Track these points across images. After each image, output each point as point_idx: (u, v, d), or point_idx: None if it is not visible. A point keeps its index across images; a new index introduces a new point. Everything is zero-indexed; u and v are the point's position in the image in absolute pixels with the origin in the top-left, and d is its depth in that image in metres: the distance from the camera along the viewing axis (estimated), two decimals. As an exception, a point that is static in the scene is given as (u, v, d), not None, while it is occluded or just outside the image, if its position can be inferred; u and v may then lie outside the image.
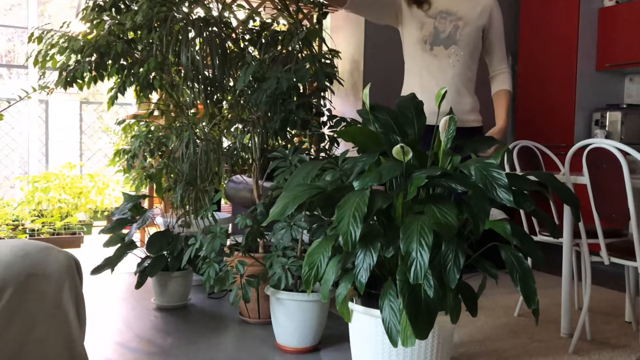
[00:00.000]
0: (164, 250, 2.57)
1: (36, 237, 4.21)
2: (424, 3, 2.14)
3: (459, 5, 2.15)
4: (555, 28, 4.21)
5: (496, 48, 2.20)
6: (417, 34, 2.13)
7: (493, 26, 2.18)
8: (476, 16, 2.15)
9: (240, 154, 2.63)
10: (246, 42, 2.95)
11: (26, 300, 1.74)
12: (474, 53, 2.16)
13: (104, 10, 2.95)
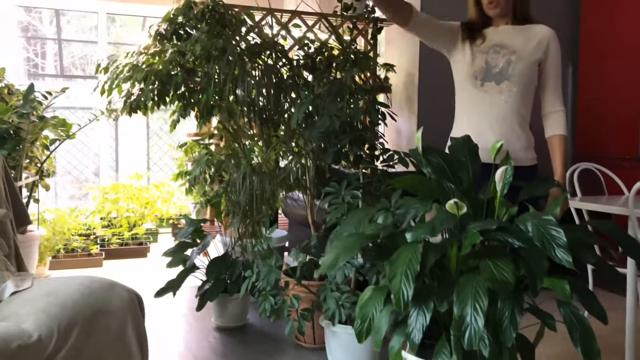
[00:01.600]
0: (223, 275, 2.60)
1: (106, 247, 4.35)
2: (478, 38, 2.02)
3: (513, 38, 2.01)
4: (619, 38, 3.98)
5: (551, 84, 2.02)
6: (467, 69, 2.01)
7: (549, 60, 2.01)
8: (531, 50, 1.99)
9: (295, 178, 2.62)
10: (301, 66, 2.94)
11: (92, 336, 1.80)
12: (528, 88, 2.00)
13: (165, 38, 3.01)
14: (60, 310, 1.70)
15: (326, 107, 2.09)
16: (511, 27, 2.03)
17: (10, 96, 3.82)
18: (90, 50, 6.06)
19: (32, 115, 3.20)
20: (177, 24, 3.04)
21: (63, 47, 6.58)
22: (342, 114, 2.02)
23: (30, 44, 5.72)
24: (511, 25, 2.04)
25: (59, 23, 6.88)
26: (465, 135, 1.75)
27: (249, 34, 3.02)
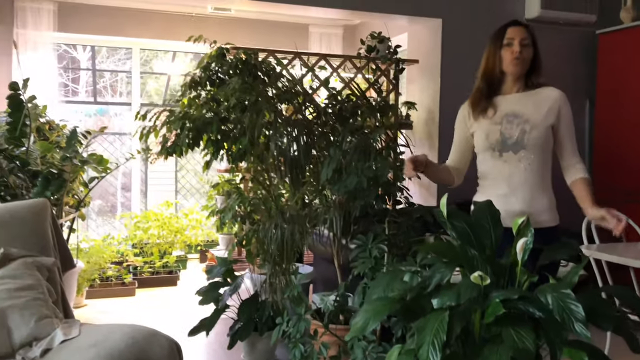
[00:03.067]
0: (253, 316, 2.68)
1: (139, 275, 4.46)
2: (489, 108, 2.08)
3: (524, 107, 2.05)
4: (636, 73, 4.01)
5: (567, 143, 2.06)
6: (484, 142, 2.07)
7: (562, 122, 2.04)
8: (543, 116, 2.03)
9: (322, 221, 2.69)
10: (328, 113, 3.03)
11: (135, 385, 1.89)
12: (545, 152, 2.05)
13: (199, 85, 3.11)
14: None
15: (353, 164, 2.16)
16: (521, 94, 2.08)
17: (52, 132, 3.98)
18: (123, 74, 6.25)
19: (74, 159, 3.33)
20: (211, 71, 3.15)
21: (96, 70, 6.77)
22: (369, 172, 2.10)
23: (66, 71, 5.91)
24: (521, 93, 2.09)
25: (94, 55, 7.09)
26: (487, 200, 1.81)
27: (279, 79, 3.11)
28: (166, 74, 7.31)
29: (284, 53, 3.83)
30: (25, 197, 3.16)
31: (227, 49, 3.09)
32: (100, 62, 7.39)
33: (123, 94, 7.00)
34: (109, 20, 5.00)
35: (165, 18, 5.07)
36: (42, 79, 4.73)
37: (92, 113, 7.56)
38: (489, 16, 4.08)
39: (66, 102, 5.54)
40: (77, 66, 7.17)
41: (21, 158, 3.21)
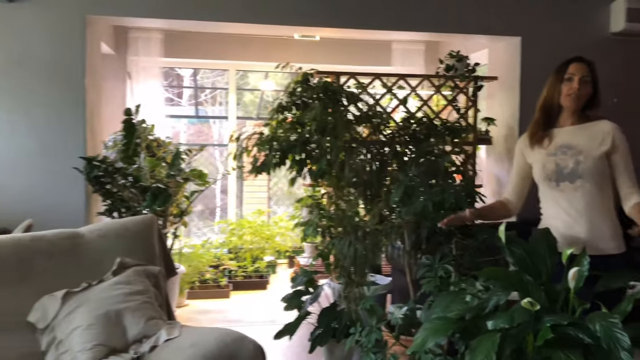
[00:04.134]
0: (331, 323, 2.88)
1: (233, 279, 4.80)
2: (545, 139, 2.15)
3: (578, 138, 2.10)
4: None
5: (623, 171, 2.06)
6: (541, 172, 2.14)
7: (617, 151, 2.06)
8: (596, 147, 2.07)
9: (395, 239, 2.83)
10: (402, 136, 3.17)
11: (224, 384, 2.14)
12: (602, 180, 2.07)
13: (286, 109, 3.35)
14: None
15: (421, 188, 2.30)
16: (576, 127, 2.13)
17: (159, 148, 4.41)
18: (221, 88, 6.70)
19: (178, 176, 3.71)
20: (296, 95, 3.37)
21: (197, 81, 7.27)
22: (435, 196, 2.22)
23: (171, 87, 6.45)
24: (576, 125, 2.13)
25: (195, 72, 7.62)
26: (545, 228, 1.89)
27: (358, 102, 3.27)
28: (259, 90, 7.73)
29: (364, 75, 4.00)
30: (137, 209, 3.56)
31: (311, 74, 3.30)
32: (201, 79, 7.95)
33: (222, 104, 7.51)
34: (209, 46, 5.42)
35: (258, 42, 5.41)
36: (150, 98, 5.22)
37: (194, 121, 8.15)
38: (572, 33, 4.03)
39: (171, 117, 6.03)
40: (180, 82, 7.76)
41: (134, 175, 3.62)
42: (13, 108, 3.48)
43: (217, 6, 3.70)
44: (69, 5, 3.50)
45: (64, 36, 3.52)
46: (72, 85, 3.56)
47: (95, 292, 2.29)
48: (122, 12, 3.65)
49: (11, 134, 3.48)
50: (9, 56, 3.46)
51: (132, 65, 5.19)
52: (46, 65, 3.51)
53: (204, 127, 8.35)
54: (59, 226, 3.27)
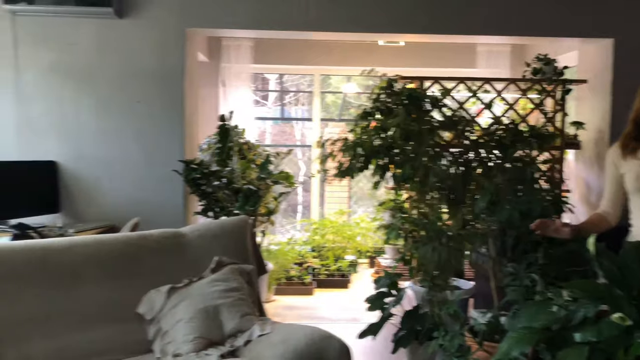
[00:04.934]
0: (414, 326, 2.91)
1: (316, 276, 4.93)
2: (638, 150, 2.07)
3: None
4: None
5: None
6: (634, 183, 2.07)
7: None
8: None
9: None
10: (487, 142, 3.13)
11: (312, 380, 2.23)
12: None
13: (370, 115, 3.41)
14: (292, 356, 2.16)
15: (507, 196, 2.28)
16: None
17: (249, 151, 4.60)
18: (304, 91, 6.87)
19: (267, 179, 3.87)
20: (380, 102, 3.42)
21: (282, 83, 7.48)
22: (522, 205, 2.20)
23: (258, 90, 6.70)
24: None
25: (281, 78, 7.83)
26: (637, 241, 1.82)
27: (442, 107, 3.27)
28: (342, 92, 7.83)
29: (449, 80, 3.97)
30: (230, 209, 3.75)
31: (395, 79, 3.34)
32: (285, 81, 8.16)
33: (304, 104, 7.70)
34: (294, 52, 5.58)
35: (342, 47, 5.50)
36: (241, 102, 5.45)
37: (278, 121, 8.39)
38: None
39: (258, 119, 6.25)
40: (266, 85, 8.00)
41: (227, 177, 3.82)
42: (121, 116, 3.78)
43: (303, 17, 3.81)
44: (171, 21, 3.75)
45: (167, 48, 3.77)
46: (172, 94, 3.81)
47: (196, 288, 2.46)
48: (217, 24, 3.85)
49: (119, 140, 3.78)
50: (119, 68, 3.76)
51: (224, 72, 5.44)
52: (150, 75, 3.78)
53: (287, 127, 8.58)
54: (161, 224, 3.53)
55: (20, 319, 2.16)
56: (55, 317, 2.23)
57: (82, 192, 3.75)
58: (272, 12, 3.80)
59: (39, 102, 3.72)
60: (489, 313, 2.68)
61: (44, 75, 3.72)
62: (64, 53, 3.72)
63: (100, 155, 3.76)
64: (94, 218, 3.72)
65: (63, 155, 3.74)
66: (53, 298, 2.25)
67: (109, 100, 3.76)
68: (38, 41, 3.70)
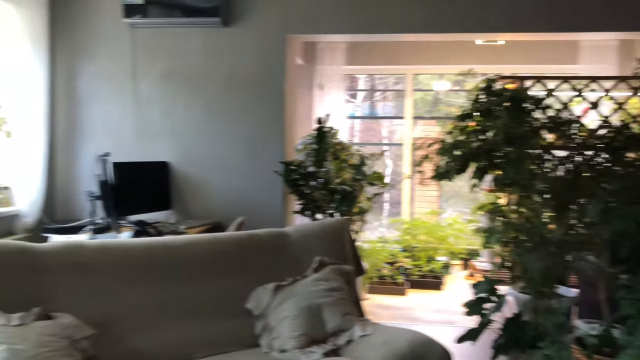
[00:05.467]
0: (515, 333, 2.81)
1: (408, 276, 4.90)
2: None
3: None
4: None
5: None
6: None
7: None
8: None
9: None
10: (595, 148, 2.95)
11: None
12: None
13: (468, 117, 3.33)
14: (394, 359, 2.17)
15: (621, 206, 2.14)
16: None
17: (342, 151, 4.65)
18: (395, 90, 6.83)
19: (362, 180, 3.90)
20: (479, 103, 3.32)
21: (371, 80, 7.49)
22: (638, 216, 2.06)
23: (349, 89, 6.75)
24: None
25: (373, 76, 7.83)
26: None
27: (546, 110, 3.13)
28: (433, 90, 7.70)
29: (552, 79, 3.79)
30: (326, 210, 3.82)
31: (495, 79, 3.23)
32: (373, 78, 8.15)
33: (391, 100, 7.66)
34: (387, 52, 5.56)
35: (436, 47, 5.41)
36: (334, 103, 5.52)
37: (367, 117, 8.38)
38: None
39: (349, 118, 6.30)
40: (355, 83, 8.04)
41: (324, 178, 3.88)
42: (226, 118, 3.96)
43: (398, 21, 3.79)
44: (272, 27, 3.88)
45: (269, 54, 3.90)
46: (273, 96, 3.93)
47: (300, 287, 2.53)
48: (315, 30, 3.93)
49: (224, 142, 3.96)
50: (226, 75, 3.94)
51: (318, 74, 5.53)
52: (253, 80, 3.93)
53: (374, 124, 8.56)
54: (262, 221, 3.66)
55: (144, 310, 2.33)
56: (172, 309, 2.38)
57: (191, 191, 3.97)
58: (369, 17, 3.82)
59: (153, 107, 3.98)
60: (597, 324, 2.54)
61: (157, 82, 3.97)
62: (175, 61, 3.95)
63: (207, 156, 3.96)
64: (201, 215, 3.93)
65: (174, 156, 3.97)
66: (170, 292, 2.41)
67: (215, 104, 3.95)
68: (152, 51, 3.96)
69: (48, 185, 3.77)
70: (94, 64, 3.97)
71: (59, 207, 4.00)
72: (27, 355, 1.80)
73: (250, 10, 3.87)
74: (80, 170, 3.99)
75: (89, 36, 3.95)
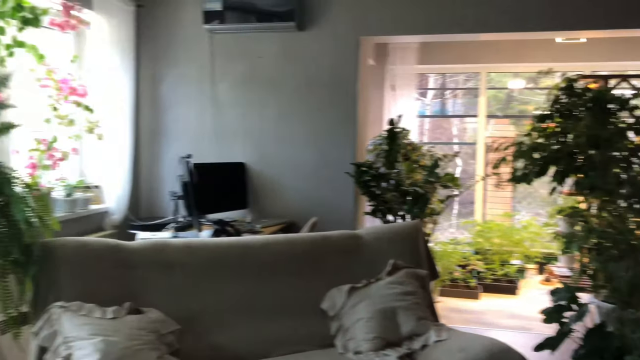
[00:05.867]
0: (598, 345, 2.68)
1: (481, 280, 4.77)
2: None
3: None
4: None
5: None
6: None
7: None
8: None
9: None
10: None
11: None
12: None
13: (548, 118, 3.20)
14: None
15: None
16: None
17: (413, 152, 4.59)
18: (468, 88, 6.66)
19: (435, 182, 3.83)
20: (559, 104, 3.19)
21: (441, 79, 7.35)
22: None
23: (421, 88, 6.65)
24: None
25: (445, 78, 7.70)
26: None
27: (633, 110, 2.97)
28: (507, 88, 7.44)
29: (638, 78, 3.58)
30: (397, 212, 3.79)
31: (575, 79, 3.09)
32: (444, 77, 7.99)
33: (462, 98, 7.47)
34: (460, 51, 5.44)
35: (512, 45, 5.23)
36: (405, 103, 5.46)
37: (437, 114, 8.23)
38: None
39: (419, 117, 6.22)
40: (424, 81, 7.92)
41: (395, 179, 3.85)
42: (299, 120, 4.01)
43: (475, 20, 3.69)
44: (347, 30, 3.89)
45: (342, 56, 3.92)
46: (346, 99, 3.94)
47: (374, 289, 2.53)
48: (388, 32, 3.91)
49: (297, 143, 4.02)
50: (300, 77, 3.99)
51: (389, 73, 5.50)
52: (326, 82, 3.96)
53: (444, 122, 8.38)
54: (333, 222, 3.69)
55: (224, 307, 2.41)
56: (252, 307, 2.44)
57: (266, 191, 4.06)
58: (442, 17, 3.74)
59: (230, 110, 4.10)
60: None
61: (234, 86, 4.09)
62: (251, 65, 4.05)
63: (281, 157, 4.03)
64: (275, 214, 4.01)
65: (250, 156, 4.08)
66: (249, 290, 2.48)
67: (289, 106, 4.02)
68: (229, 55, 4.08)
69: (133, 185, 3.97)
70: (176, 69, 4.14)
71: (143, 205, 4.20)
72: (120, 347, 1.91)
73: (325, 14, 3.90)
74: (162, 170, 4.17)
75: (171, 43, 4.13)
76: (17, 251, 1.96)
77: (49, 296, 2.09)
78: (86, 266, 2.19)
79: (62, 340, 1.92)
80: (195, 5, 4.01)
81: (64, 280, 2.13)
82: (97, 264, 2.23)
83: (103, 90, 3.66)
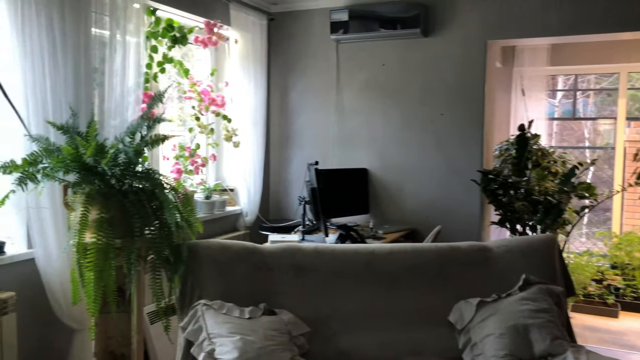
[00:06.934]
0: None
1: (620, 297, 4.34)
2: None
3: None
4: None
5: None
6: None
7: None
8: None
9: None
10: None
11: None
12: None
13: None
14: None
15: None
16: None
17: (543, 158, 4.28)
18: (607, 88, 6.09)
19: (571, 192, 3.54)
20: None
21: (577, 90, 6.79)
22: None
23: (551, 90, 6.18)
24: None
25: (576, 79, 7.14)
26: None
27: None
28: None
29: None
30: (526, 222, 3.56)
31: None
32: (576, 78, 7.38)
33: (592, 98, 6.84)
34: (595, 51, 4.99)
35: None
36: (535, 107, 5.13)
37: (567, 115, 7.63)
38: None
39: (548, 119, 5.80)
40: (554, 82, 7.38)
41: (526, 187, 3.62)
42: (422, 126, 3.93)
43: (608, 19, 3.36)
44: (473, 34, 3.74)
45: (468, 61, 3.77)
46: (472, 103, 3.79)
47: (504, 305, 2.39)
48: (517, 34, 3.69)
49: (420, 149, 3.94)
50: (424, 83, 3.91)
51: (517, 75, 5.20)
52: (451, 87, 3.83)
53: (574, 124, 7.73)
54: (457, 231, 3.56)
55: (351, 313, 2.42)
56: (378, 314, 2.43)
57: (387, 197, 4.03)
58: (574, 17, 3.46)
59: (354, 116, 4.12)
60: None
61: (358, 93, 4.11)
62: (374, 73, 4.04)
63: (404, 163, 3.97)
64: (396, 220, 3.96)
65: (372, 162, 4.07)
66: (376, 297, 2.46)
67: (412, 113, 3.95)
68: (354, 64, 4.10)
69: (264, 188, 4.14)
70: (304, 78, 4.25)
71: (272, 208, 4.37)
72: (256, 346, 1.99)
73: (451, 19, 3.78)
74: (290, 174, 4.31)
75: (299, 53, 4.25)
76: (168, 251, 2.11)
77: (194, 293, 2.24)
78: (228, 267, 2.31)
79: (205, 335, 2.04)
80: (322, 16, 4.09)
81: (208, 279, 2.27)
82: (237, 266, 2.34)
83: (239, 100, 3.86)
